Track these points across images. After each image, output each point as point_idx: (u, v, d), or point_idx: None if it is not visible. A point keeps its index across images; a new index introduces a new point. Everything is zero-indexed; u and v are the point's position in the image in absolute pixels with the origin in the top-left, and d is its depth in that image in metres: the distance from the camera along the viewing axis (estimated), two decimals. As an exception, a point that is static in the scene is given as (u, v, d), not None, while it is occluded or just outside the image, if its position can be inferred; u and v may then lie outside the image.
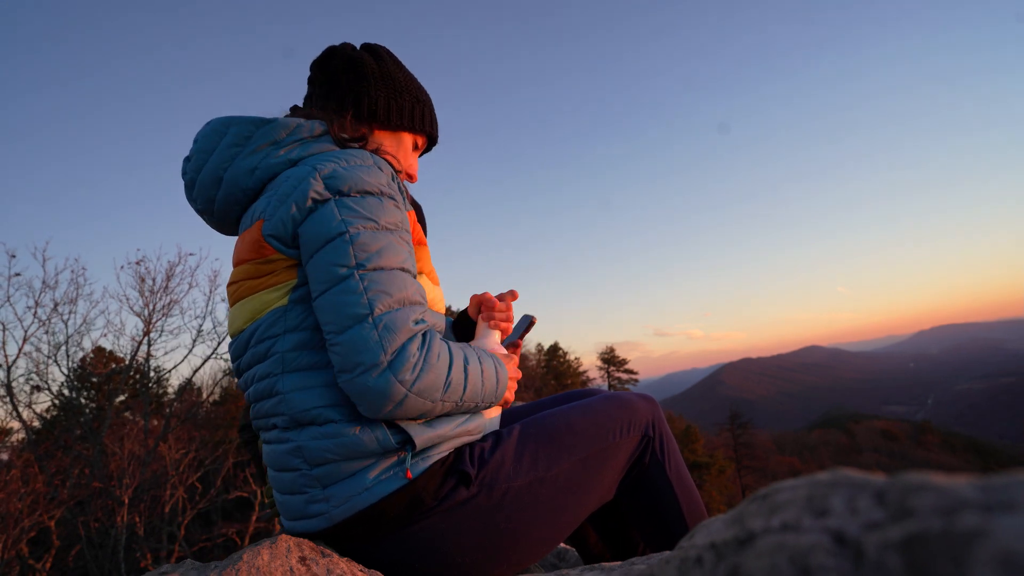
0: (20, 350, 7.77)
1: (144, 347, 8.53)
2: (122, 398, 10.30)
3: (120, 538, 7.05)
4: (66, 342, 8.25)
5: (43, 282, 7.85)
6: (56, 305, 8.03)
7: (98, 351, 10.19)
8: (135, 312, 8.33)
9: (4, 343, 7.63)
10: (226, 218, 1.00)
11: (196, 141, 0.98)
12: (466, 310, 1.14)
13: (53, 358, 8.23)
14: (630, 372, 31.81)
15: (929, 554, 0.23)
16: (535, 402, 1.19)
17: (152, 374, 9.43)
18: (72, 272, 8.71)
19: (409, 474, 0.84)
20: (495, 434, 0.96)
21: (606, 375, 31.58)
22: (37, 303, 7.82)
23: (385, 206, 0.87)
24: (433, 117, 1.13)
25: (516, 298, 1.11)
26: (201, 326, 8.73)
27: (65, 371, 8.46)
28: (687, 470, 1.09)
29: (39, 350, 8.22)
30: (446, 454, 0.89)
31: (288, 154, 0.93)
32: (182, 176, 1.01)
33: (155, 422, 9.05)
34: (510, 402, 1.03)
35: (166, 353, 9.89)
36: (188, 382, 9.74)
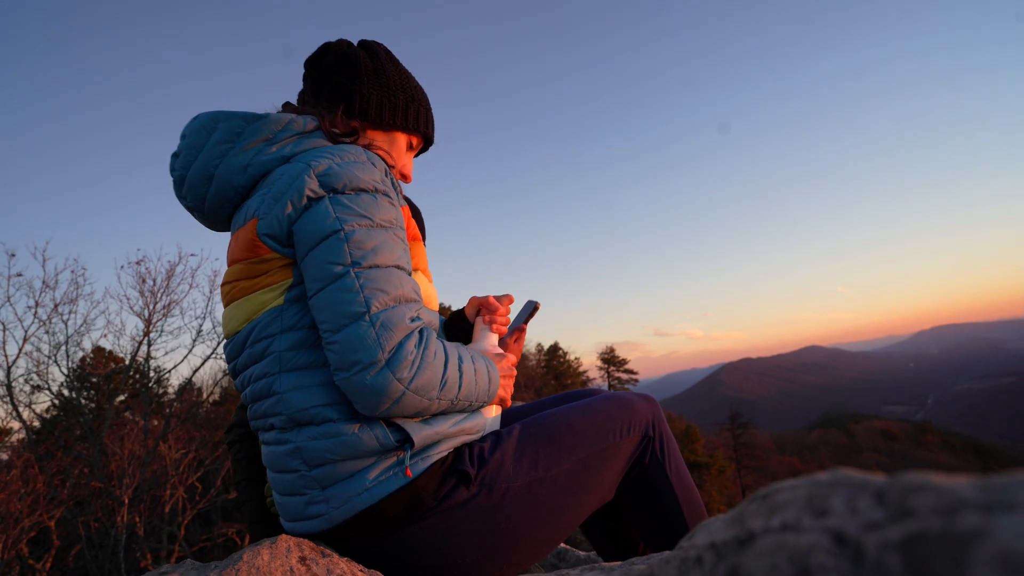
0: (20, 350, 7.78)
1: (144, 347, 8.55)
2: (122, 398, 10.31)
3: (120, 538, 7.06)
4: (66, 342, 8.27)
5: (43, 282, 7.88)
6: (56, 305, 8.05)
7: (98, 351, 10.19)
8: (135, 312, 8.34)
9: (4, 343, 7.64)
10: (217, 215, 0.98)
11: (184, 136, 0.96)
12: (462, 310, 1.15)
13: (53, 358, 8.24)
14: (630, 372, 31.80)
15: (929, 554, 0.23)
16: (535, 402, 1.19)
17: (152, 374, 9.44)
18: (72, 272, 8.72)
19: (409, 472, 0.83)
20: (495, 434, 0.96)
21: (606, 375, 31.57)
22: (37, 303, 7.84)
23: (380, 203, 0.86)
24: (428, 117, 1.11)
25: (512, 302, 1.13)
26: (201, 326, 8.75)
27: (65, 371, 8.47)
28: (687, 470, 1.09)
29: (39, 350, 8.25)
30: (445, 454, 0.89)
31: (281, 150, 0.92)
32: (171, 172, 0.99)
33: (155, 422, 9.05)
34: (508, 402, 1.03)
35: (166, 353, 9.89)
36: (188, 382, 9.74)
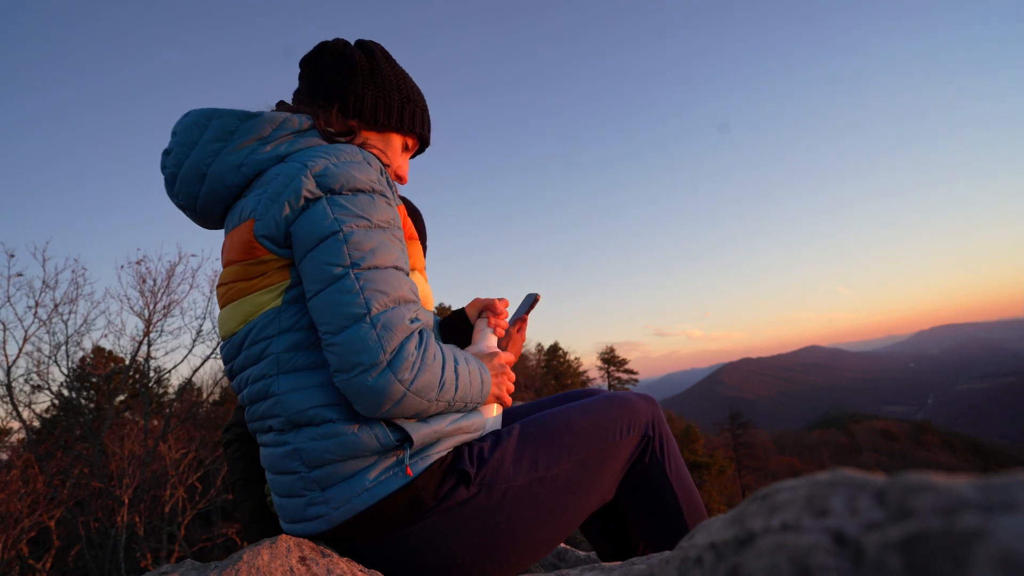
0: (20, 350, 7.78)
1: (144, 347, 8.55)
2: (122, 398, 10.31)
3: (120, 538, 7.05)
4: (66, 342, 8.27)
5: (43, 282, 7.87)
6: (56, 305, 8.04)
7: (98, 351, 10.19)
8: (135, 312, 8.35)
9: (4, 343, 7.64)
10: (209, 214, 0.97)
11: (175, 133, 0.94)
12: (462, 310, 1.15)
13: (53, 358, 8.24)
14: (630, 372, 31.80)
15: (929, 554, 0.23)
16: (535, 402, 1.19)
17: (152, 374, 9.44)
18: (72, 272, 8.71)
19: (409, 471, 0.83)
20: (495, 434, 0.96)
21: (606, 375, 31.57)
22: (37, 303, 7.84)
23: (377, 203, 0.86)
24: (424, 118, 1.10)
25: (507, 305, 1.16)
26: (201, 326, 8.74)
27: (65, 371, 8.47)
28: (687, 470, 1.09)
29: (39, 350, 8.24)
30: (445, 453, 0.89)
31: (275, 149, 0.91)
32: (162, 170, 0.97)
33: (155, 422, 9.05)
34: (507, 400, 1.03)
35: (166, 353, 9.91)
36: (188, 382, 9.75)
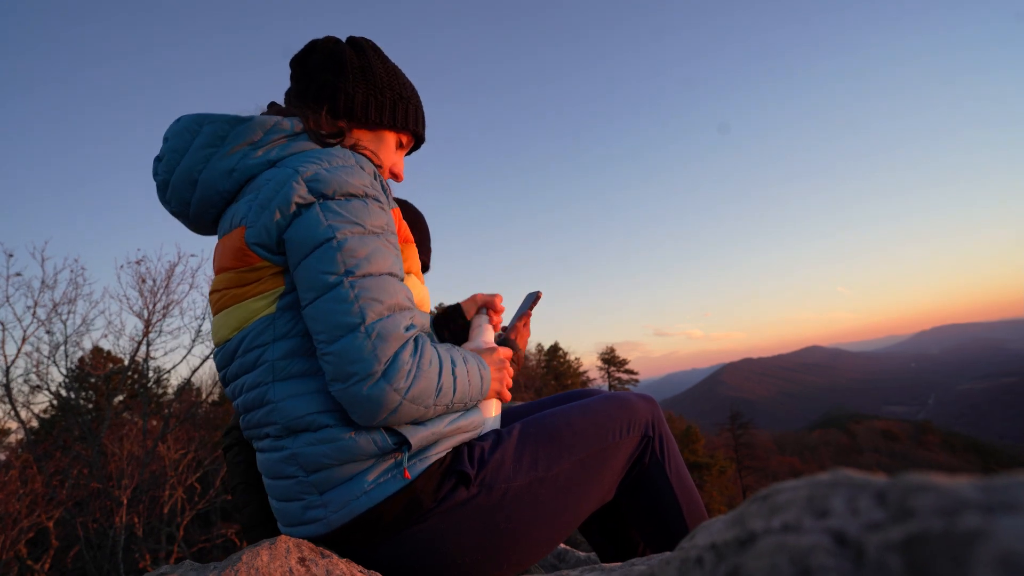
0: (19, 350, 7.77)
1: (143, 347, 8.54)
2: (121, 398, 10.31)
3: (119, 539, 7.05)
4: (65, 342, 8.26)
5: (42, 282, 7.86)
6: (55, 305, 8.04)
7: (97, 351, 10.19)
8: (135, 312, 8.34)
9: (3, 343, 7.63)
10: (202, 220, 0.96)
11: (166, 139, 0.93)
12: (458, 305, 1.16)
13: (52, 358, 8.23)
14: (630, 372, 31.82)
15: (930, 554, 0.23)
16: (535, 402, 1.19)
17: (151, 374, 9.43)
18: (71, 272, 8.72)
19: (407, 475, 0.83)
20: (495, 433, 0.96)
21: (606, 375, 31.59)
22: (36, 303, 7.83)
23: (370, 208, 0.85)
24: (418, 115, 1.09)
25: (502, 301, 1.17)
26: (200, 327, 8.73)
27: (64, 371, 8.47)
28: (687, 470, 1.09)
29: (38, 350, 8.22)
30: (443, 454, 0.88)
31: (267, 154, 0.90)
32: (154, 177, 0.97)
33: (154, 422, 9.06)
34: (507, 395, 1.02)
35: (165, 354, 9.83)
36: (187, 382, 9.75)
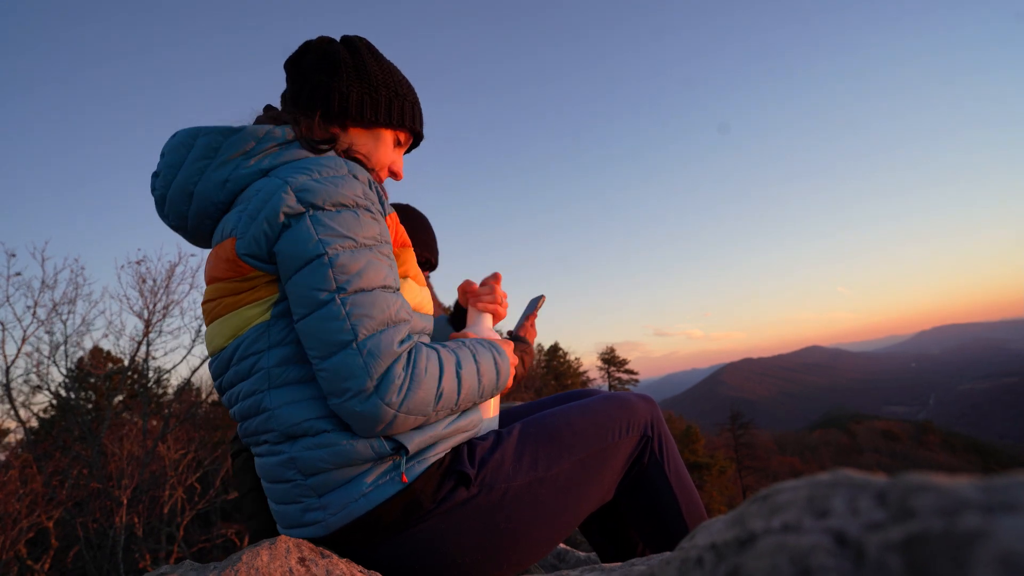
0: (19, 350, 7.77)
1: (143, 347, 8.54)
2: (121, 398, 10.31)
3: (119, 539, 7.05)
4: (65, 342, 8.26)
5: (42, 282, 7.87)
6: (55, 305, 8.04)
7: (96, 351, 10.19)
8: (135, 312, 8.34)
9: (3, 343, 7.63)
10: (200, 233, 0.96)
11: (163, 155, 0.94)
12: (458, 302, 1.17)
13: (52, 358, 8.24)
14: (630, 372, 31.81)
15: (930, 555, 0.23)
16: (535, 402, 1.19)
17: (151, 374, 9.44)
18: (72, 272, 8.72)
19: (405, 478, 0.83)
20: (495, 434, 0.96)
21: (606, 375, 31.58)
22: (36, 303, 7.83)
23: (362, 219, 0.84)
24: (415, 112, 1.08)
25: (499, 280, 1.11)
26: (201, 327, 8.73)
27: (64, 371, 8.47)
28: (686, 470, 1.09)
29: (38, 350, 8.23)
30: (443, 455, 0.88)
31: (259, 163, 0.89)
32: (152, 192, 0.97)
33: (154, 422, 9.06)
34: (509, 387, 1.02)
35: (165, 354, 9.87)
36: (187, 382, 9.75)
